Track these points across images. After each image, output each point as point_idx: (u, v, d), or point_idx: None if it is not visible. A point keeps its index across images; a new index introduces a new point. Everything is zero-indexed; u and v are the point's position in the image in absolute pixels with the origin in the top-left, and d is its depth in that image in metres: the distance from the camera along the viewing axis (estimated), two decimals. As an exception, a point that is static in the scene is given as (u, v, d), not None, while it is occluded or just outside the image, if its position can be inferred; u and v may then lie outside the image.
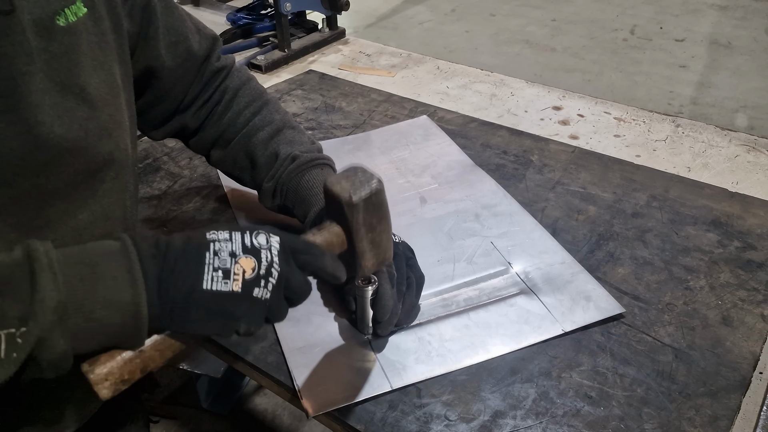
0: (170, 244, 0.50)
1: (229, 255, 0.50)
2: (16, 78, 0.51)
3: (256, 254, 0.51)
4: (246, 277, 0.50)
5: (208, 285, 0.49)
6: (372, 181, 0.60)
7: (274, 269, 0.52)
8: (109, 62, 0.62)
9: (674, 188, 0.98)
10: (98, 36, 0.60)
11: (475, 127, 1.17)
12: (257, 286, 0.51)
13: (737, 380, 0.68)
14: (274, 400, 1.72)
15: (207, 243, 0.51)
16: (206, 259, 0.50)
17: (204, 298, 0.49)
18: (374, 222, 0.60)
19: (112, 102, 0.61)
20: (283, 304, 0.54)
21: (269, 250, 0.52)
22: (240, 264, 0.50)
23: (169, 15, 0.74)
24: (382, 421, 0.65)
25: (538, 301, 0.77)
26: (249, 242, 0.52)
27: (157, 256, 0.49)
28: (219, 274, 0.49)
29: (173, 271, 0.49)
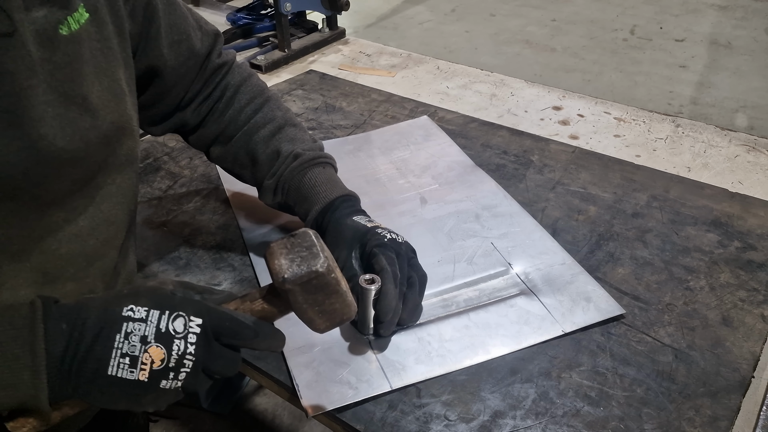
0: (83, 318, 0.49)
1: (139, 341, 0.48)
2: (19, 93, 0.50)
3: (168, 344, 0.49)
4: (153, 368, 0.48)
5: (113, 371, 0.48)
6: (314, 263, 0.53)
7: (187, 360, 0.49)
8: (113, 67, 0.61)
9: (674, 188, 0.98)
10: (101, 42, 0.59)
11: (475, 127, 1.17)
12: (165, 378, 0.49)
13: (737, 380, 0.68)
14: (274, 400, 1.72)
15: (120, 322, 0.48)
16: (115, 342, 0.48)
17: (108, 383, 0.48)
18: (320, 299, 0.54)
19: (115, 108, 0.61)
20: (202, 381, 0.52)
21: (184, 339, 0.49)
22: (149, 353, 0.48)
23: (171, 13, 0.74)
24: (382, 420, 0.65)
25: (538, 301, 0.77)
26: (165, 327, 0.49)
27: (65, 334, 0.48)
28: (126, 361, 0.48)
29: (79, 351, 0.47)
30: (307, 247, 0.54)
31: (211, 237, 0.91)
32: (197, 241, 0.90)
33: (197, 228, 0.93)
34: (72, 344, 0.48)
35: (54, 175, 0.55)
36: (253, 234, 0.90)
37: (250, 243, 0.89)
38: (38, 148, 0.52)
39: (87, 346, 0.48)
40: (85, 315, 0.49)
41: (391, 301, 0.68)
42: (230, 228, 0.93)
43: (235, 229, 0.92)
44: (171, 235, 0.92)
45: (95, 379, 0.48)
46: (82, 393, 0.48)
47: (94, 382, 0.48)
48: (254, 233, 0.90)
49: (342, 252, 0.74)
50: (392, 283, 0.68)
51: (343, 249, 0.74)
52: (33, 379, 0.46)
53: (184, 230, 0.93)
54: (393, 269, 0.69)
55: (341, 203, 0.78)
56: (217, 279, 0.83)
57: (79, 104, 0.56)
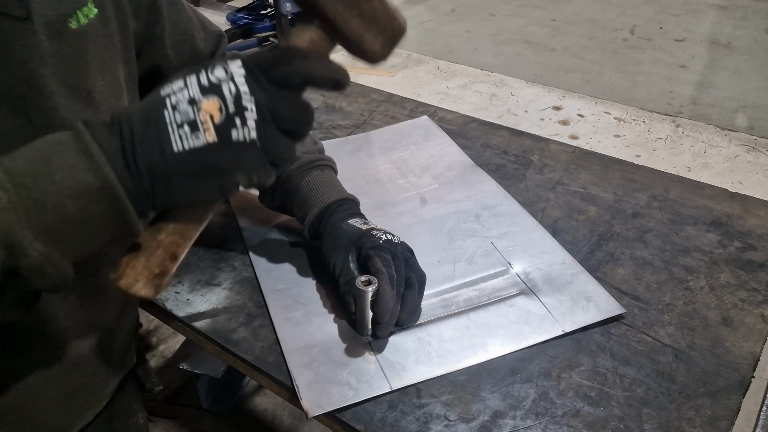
0: (126, 114, 0.44)
1: (188, 104, 0.43)
2: (29, 81, 0.50)
3: (217, 92, 0.44)
4: (216, 122, 0.43)
5: (178, 146, 0.43)
6: None
7: (245, 101, 0.44)
8: (114, 64, 0.61)
9: (674, 188, 0.98)
10: (105, 38, 0.60)
11: (475, 127, 1.17)
12: (233, 128, 0.44)
13: (737, 381, 0.68)
14: (274, 400, 1.72)
15: (162, 100, 0.44)
16: (166, 117, 0.43)
17: (180, 162, 0.43)
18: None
19: (114, 104, 0.61)
20: (281, 138, 0.46)
21: (231, 81, 0.44)
22: (204, 110, 0.43)
23: (175, 13, 0.74)
24: (382, 421, 0.65)
25: (538, 301, 0.77)
26: (206, 80, 0.44)
27: (114, 131, 0.43)
28: (185, 129, 0.43)
29: (136, 141, 0.43)
30: None
31: (211, 237, 0.91)
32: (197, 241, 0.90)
33: (197, 228, 0.93)
34: (125, 136, 0.43)
35: None
36: (253, 234, 0.90)
37: (250, 243, 0.89)
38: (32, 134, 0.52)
39: (141, 133, 0.43)
40: (126, 111, 0.45)
41: (387, 303, 0.68)
42: (230, 228, 0.92)
43: (235, 229, 0.92)
44: (171, 235, 0.92)
45: (164, 161, 0.43)
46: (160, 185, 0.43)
47: (165, 166, 0.43)
48: (254, 233, 0.90)
49: (339, 256, 0.74)
50: (388, 284, 0.68)
51: (339, 253, 0.74)
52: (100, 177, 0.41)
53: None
54: (389, 270, 0.69)
55: (337, 207, 0.78)
56: (217, 279, 0.83)
57: (84, 98, 0.56)
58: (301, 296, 0.79)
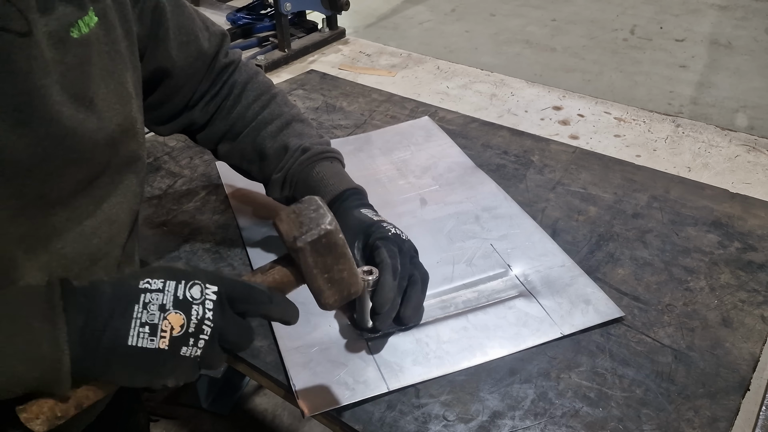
0: (101, 292, 0.48)
1: (158, 309, 0.48)
2: (31, 92, 0.51)
3: (186, 309, 0.49)
4: (174, 335, 0.48)
5: (134, 341, 0.47)
6: (323, 222, 0.55)
7: (205, 325, 0.49)
8: (120, 71, 0.62)
9: (675, 189, 0.98)
10: (109, 45, 0.60)
11: (475, 127, 1.17)
12: (185, 345, 0.49)
13: (736, 381, 0.68)
14: (274, 400, 1.72)
15: (138, 294, 0.48)
16: (134, 312, 0.48)
17: (128, 354, 0.47)
18: (329, 262, 0.55)
19: (121, 111, 0.61)
20: (218, 354, 0.52)
21: (202, 305, 0.50)
22: (168, 320, 0.48)
23: (179, 15, 0.74)
24: (381, 421, 0.65)
25: (537, 303, 0.77)
26: (182, 294, 0.49)
27: (84, 306, 0.47)
28: (146, 330, 0.48)
29: (98, 323, 0.47)
30: (314, 209, 0.56)
31: (211, 236, 0.91)
32: (197, 241, 0.90)
33: (197, 227, 0.93)
34: (91, 317, 0.47)
35: (59, 174, 0.55)
36: (252, 234, 0.90)
37: (249, 242, 0.89)
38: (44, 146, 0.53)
39: (106, 318, 0.47)
40: (102, 289, 0.48)
41: (388, 293, 0.67)
42: (230, 228, 0.93)
43: (234, 228, 0.92)
44: (171, 235, 0.92)
45: (115, 349, 0.47)
46: (102, 368, 0.48)
47: (114, 353, 0.47)
48: (254, 233, 0.90)
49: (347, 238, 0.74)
50: (391, 275, 0.68)
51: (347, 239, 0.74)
52: (53, 351, 0.45)
53: (184, 230, 0.93)
54: (393, 262, 0.69)
55: (349, 195, 0.78)
56: (217, 279, 0.83)
57: (87, 106, 0.56)
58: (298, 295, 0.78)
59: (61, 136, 0.54)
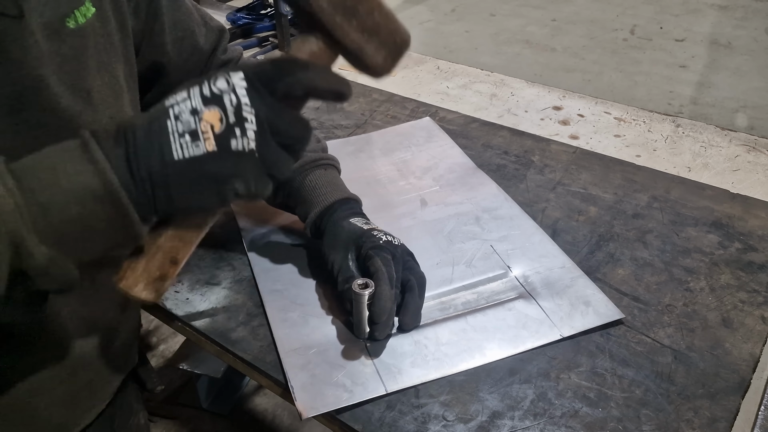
0: (131, 124, 0.46)
1: (190, 114, 0.45)
2: (26, 81, 0.50)
3: (219, 102, 0.45)
4: (216, 132, 0.44)
5: (179, 154, 0.44)
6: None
7: (245, 112, 0.45)
8: (113, 63, 0.61)
9: (675, 189, 0.98)
10: (104, 37, 0.60)
11: (476, 127, 1.17)
12: (233, 137, 0.45)
13: (736, 382, 0.68)
14: (274, 400, 1.72)
15: (166, 110, 0.46)
16: (169, 127, 0.45)
17: (180, 170, 0.44)
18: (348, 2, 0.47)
19: (113, 104, 0.61)
20: (279, 152, 0.47)
21: (233, 92, 0.45)
22: (205, 120, 0.45)
23: (176, 10, 0.74)
24: (380, 420, 0.65)
25: (536, 305, 0.77)
26: (208, 91, 0.45)
27: (119, 140, 0.45)
28: (186, 138, 0.44)
29: (139, 149, 0.44)
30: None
31: (211, 236, 0.91)
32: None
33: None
34: (129, 147, 0.44)
35: None
36: (252, 234, 0.90)
37: (249, 243, 0.88)
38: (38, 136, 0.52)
39: (144, 143, 0.44)
40: (132, 122, 0.46)
41: (385, 303, 0.67)
42: (230, 227, 0.92)
43: (234, 228, 0.92)
44: (170, 236, 0.92)
45: (165, 168, 0.44)
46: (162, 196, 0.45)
47: (166, 174, 0.44)
48: (254, 234, 0.90)
49: (338, 254, 0.74)
50: (387, 284, 0.68)
51: (339, 251, 0.74)
52: (105, 184, 0.43)
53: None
54: (388, 270, 0.69)
55: (339, 206, 0.78)
56: (217, 278, 0.83)
57: (84, 98, 0.56)
58: (298, 297, 0.79)
59: (56, 127, 0.53)
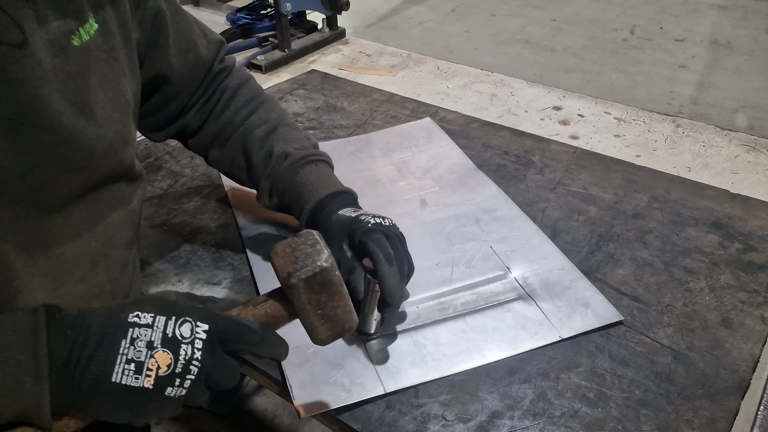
0: (87, 324, 0.48)
1: (146, 346, 0.47)
2: (26, 102, 0.50)
3: (174, 349, 0.48)
4: (159, 374, 0.47)
5: (118, 378, 0.46)
6: (318, 259, 0.53)
7: (193, 366, 0.49)
8: (118, 78, 0.61)
9: (675, 189, 0.98)
10: (107, 53, 0.60)
11: (476, 127, 1.17)
12: (170, 385, 0.48)
13: (736, 382, 0.68)
14: (274, 400, 1.72)
15: (126, 328, 0.48)
16: (121, 348, 0.47)
17: (111, 391, 0.47)
18: (323, 299, 0.54)
19: (119, 119, 0.61)
20: (202, 392, 0.51)
21: (191, 344, 0.49)
22: (155, 358, 0.47)
23: (179, 22, 0.75)
24: (380, 420, 0.65)
25: (535, 306, 0.77)
26: (171, 332, 0.48)
27: (70, 339, 0.47)
28: (131, 367, 0.47)
29: (83, 357, 0.46)
30: (311, 244, 0.55)
31: (211, 236, 0.91)
32: (197, 240, 0.90)
33: (197, 227, 0.93)
34: (76, 350, 0.46)
35: (53, 182, 0.55)
36: (251, 233, 0.90)
37: (248, 242, 0.89)
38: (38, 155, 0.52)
39: (91, 352, 0.46)
40: (90, 321, 0.48)
41: (392, 280, 0.66)
42: (230, 227, 0.93)
43: (234, 228, 0.92)
44: (171, 234, 0.92)
45: (98, 386, 0.46)
46: (84, 403, 0.47)
47: (97, 389, 0.46)
48: (253, 233, 0.91)
49: (333, 247, 0.74)
50: (386, 264, 0.67)
51: (333, 244, 0.74)
52: (35, 385, 0.45)
53: (185, 229, 0.93)
54: (383, 250, 0.68)
55: (331, 200, 0.78)
56: (217, 278, 0.84)
57: (87, 114, 0.56)
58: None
59: (56, 144, 0.53)
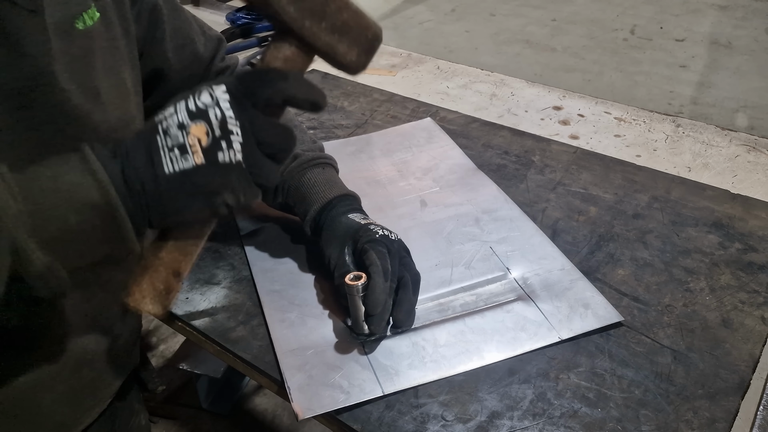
0: (126, 141, 0.48)
1: (178, 128, 0.47)
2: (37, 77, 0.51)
3: (204, 116, 0.47)
4: (203, 145, 0.47)
5: (169, 167, 0.46)
6: None
7: (230, 125, 0.47)
8: (119, 66, 0.62)
9: (676, 189, 0.98)
10: (109, 41, 0.61)
11: (476, 127, 1.17)
12: (219, 150, 0.47)
13: (736, 382, 0.68)
14: (274, 400, 1.72)
15: (155, 125, 0.48)
16: (158, 141, 0.47)
17: (172, 182, 0.47)
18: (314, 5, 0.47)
19: (120, 105, 0.62)
20: (265, 161, 0.49)
21: (217, 105, 0.47)
22: (192, 134, 0.47)
23: (176, 18, 0.75)
24: (379, 420, 0.65)
25: (535, 307, 0.76)
26: (193, 105, 0.48)
27: (117, 155, 0.47)
28: (175, 152, 0.46)
29: (132, 163, 0.47)
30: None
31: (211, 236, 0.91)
32: (196, 242, 0.90)
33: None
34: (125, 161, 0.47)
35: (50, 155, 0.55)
36: (251, 234, 0.90)
37: (248, 243, 0.88)
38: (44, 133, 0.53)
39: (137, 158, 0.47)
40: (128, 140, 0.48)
41: (380, 295, 0.67)
42: (230, 227, 0.92)
43: (234, 228, 0.92)
44: (170, 235, 0.92)
45: (157, 181, 0.46)
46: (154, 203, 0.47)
47: (158, 186, 0.46)
48: (252, 233, 0.90)
49: (335, 249, 0.74)
50: (381, 276, 0.67)
51: (336, 246, 0.74)
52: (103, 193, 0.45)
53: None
54: (383, 263, 0.69)
55: (339, 202, 0.78)
56: (217, 278, 0.83)
57: (93, 97, 0.57)
58: (296, 298, 0.79)
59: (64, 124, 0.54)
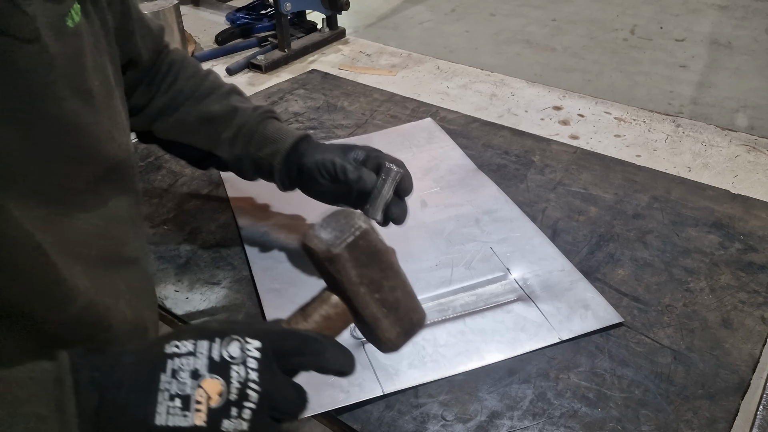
0: (118, 363, 0.41)
1: (190, 376, 0.40)
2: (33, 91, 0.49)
3: (224, 373, 0.41)
4: (211, 406, 0.40)
5: (163, 420, 0.39)
6: (355, 223, 0.46)
7: (250, 390, 0.41)
8: (103, 62, 0.61)
9: (676, 189, 0.98)
10: (93, 36, 0.59)
11: (477, 127, 1.17)
12: (226, 417, 0.40)
13: (736, 382, 0.68)
14: (273, 399, 1.71)
15: (164, 360, 0.41)
16: (161, 383, 0.40)
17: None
18: (375, 275, 0.47)
19: (109, 104, 0.61)
20: (268, 427, 0.43)
21: (244, 364, 0.41)
22: (203, 388, 0.40)
23: (136, 8, 0.75)
24: (379, 420, 0.65)
25: (535, 308, 0.77)
26: (218, 355, 0.41)
27: (98, 382, 0.40)
28: (176, 403, 0.39)
29: (117, 402, 0.39)
30: (344, 216, 0.48)
31: (211, 236, 0.91)
32: (197, 240, 0.90)
33: (197, 227, 0.93)
34: (109, 393, 0.40)
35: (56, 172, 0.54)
36: (251, 233, 0.90)
37: (248, 242, 0.88)
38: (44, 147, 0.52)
39: (127, 394, 0.40)
40: (120, 360, 0.41)
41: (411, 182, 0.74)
42: (230, 227, 0.93)
43: (234, 228, 0.92)
44: (171, 234, 0.92)
45: None
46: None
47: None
48: (253, 233, 0.90)
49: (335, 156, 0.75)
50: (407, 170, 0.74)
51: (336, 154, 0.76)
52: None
53: (185, 229, 0.93)
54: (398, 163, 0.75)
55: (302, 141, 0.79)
56: (217, 278, 0.83)
57: (86, 100, 0.55)
58: (296, 297, 0.78)
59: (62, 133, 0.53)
